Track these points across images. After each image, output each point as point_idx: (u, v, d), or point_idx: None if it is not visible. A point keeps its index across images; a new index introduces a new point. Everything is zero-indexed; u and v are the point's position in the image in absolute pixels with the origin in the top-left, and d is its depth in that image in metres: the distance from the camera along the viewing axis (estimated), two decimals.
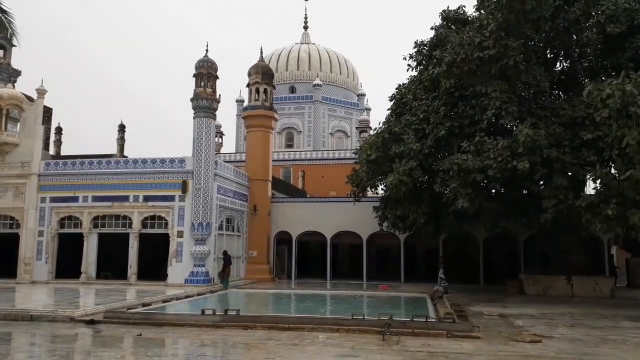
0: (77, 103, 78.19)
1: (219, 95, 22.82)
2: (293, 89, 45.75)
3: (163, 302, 15.49)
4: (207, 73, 22.62)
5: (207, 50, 23.21)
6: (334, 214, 25.96)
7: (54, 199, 22.99)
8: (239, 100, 46.59)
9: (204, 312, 12.18)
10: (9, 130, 23.36)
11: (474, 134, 17.48)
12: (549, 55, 20.19)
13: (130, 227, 22.37)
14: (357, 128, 44.34)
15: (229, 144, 48.30)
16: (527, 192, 17.93)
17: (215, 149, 27.38)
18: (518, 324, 12.48)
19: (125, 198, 22.41)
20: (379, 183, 21.66)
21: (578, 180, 16.52)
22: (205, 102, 22.18)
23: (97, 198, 22.64)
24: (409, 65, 22.25)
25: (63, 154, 28.49)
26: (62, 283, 21.67)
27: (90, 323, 12.05)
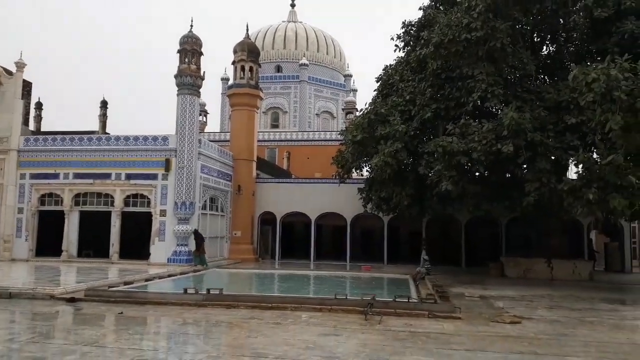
0: (58, 78, 76.72)
1: (204, 72, 22.48)
2: (279, 68, 45.28)
3: (145, 280, 15.40)
4: (191, 49, 22.21)
5: (191, 26, 22.77)
6: (319, 195, 25.95)
7: (34, 176, 22.60)
8: (224, 79, 45.99)
9: (187, 291, 12.13)
10: None
11: (460, 117, 17.48)
12: (536, 39, 20.17)
13: (112, 205, 22.12)
14: (343, 109, 44.16)
15: (214, 123, 47.90)
16: (510, 175, 18.04)
17: (200, 128, 27.10)
18: (498, 306, 12.64)
19: (107, 176, 22.12)
20: (364, 164, 21.64)
21: (561, 165, 16.67)
22: (189, 79, 21.82)
23: (78, 175, 22.30)
24: (397, 46, 22.10)
25: (43, 130, 27.97)
26: (42, 261, 21.44)
27: (71, 301, 11.94)
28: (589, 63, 15.58)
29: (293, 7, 50.13)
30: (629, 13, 15.99)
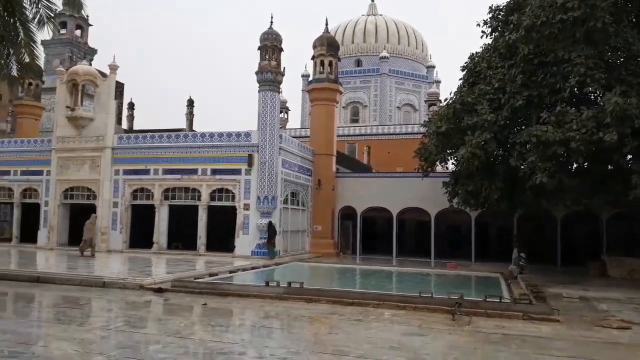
0: (148, 79, 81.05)
1: (284, 68, 22.53)
2: (359, 62, 44.84)
3: (229, 272, 15.67)
4: (271, 45, 22.33)
5: (271, 23, 22.90)
6: (400, 190, 25.23)
7: (127, 172, 23.75)
8: (305, 76, 46.26)
9: (268, 283, 12.08)
10: (85, 106, 24.30)
11: (555, 104, 16.15)
12: None
13: (199, 199, 22.76)
14: (425, 101, 42.92)
15: (294, 120, 48.43)
16: (613, 167, 16.47)
17: (280, 124, 27.31)
18: (602, 308, 11.50)
19: (194, 171, 22.79)
20: (449, 157, 20.65)
21: None
22: (270, 75, 21.95)
23: (167, 171, 23.17)
24: (483, 32, 20.85)
25: (135, 129, 29.43)
26: (135, 252, 22.49)
27: (159, 291, 12.28)
28: None
29: (373, 0, 49.44)
30: None
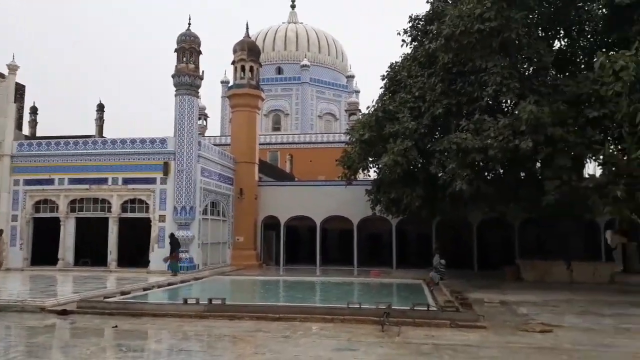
0: (53, 83, 76.03)
1: (202, 72, 21.59)
2: (280, 70, 44.49)
3: (144, 290, 14.48)
4: (189, 48, 21.35)
5: (189, 24, 21.91)
6: (324, 198, 25.03)
7: (28, 182, 21.74)
8: (224, 82, 45.19)
9: (187, 301, 11.23)
10: None
11: (473, 113, 16.59)
12: (550, 33, 19.28)
13: (110, 211, 21.25)
14: (346, 110, 43.36)
15: (214, 128, 47.09)
16: (526, 174, 17.16)
17: (199, 131, 26.24)
18: (522, 312, 11.75)
19: (104, 180, 21.25)
20: (372, 165, 20.71)
21: (579, 161, 15.78)
22: (188, 78, 20.95)
23: (74, 180, 21.44)
24: (404, 41, 21.16)
25: (39, 135, 27.13)
26: (38, 270, 20.56)
27: (63, 314, 11.06)
28: (612, 52, 14.67)
29: (293, 8, 49.46)
30: None
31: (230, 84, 27.87)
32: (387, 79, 21.20)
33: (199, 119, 35.32)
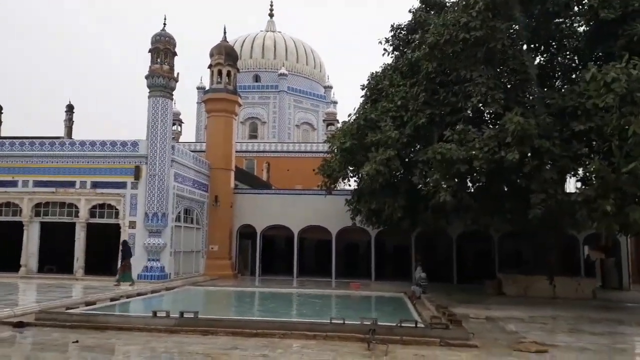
0: (22, 81, 73.78)
1: (177, 74, 20.74)
2: (257, 78, 43.82)
3: (111, 300, 13.57)
4: (164, 48, 20.51)
5: (164, 24, 21.06)
6: (302, 208, 24.39)
7: None
8: (200, 88, 44.27)
9: (156, 314, 10.42)
10: None
11: (456, 123, 16.22)
12: (533, 45, 19.16)
13: (77, 216, 20.20)
14: (324, 121, 42.96)
15: (188, 135, 46.09)
16: (510, 186, 16.86)
17: (173, 137, 25.37)
18: (511, 329, 11.28)
19: (71, 184, 20.21)
20: (352, 174, 20.17)
21: (563, 175, 15.55)
22: (162, 80, 20.11)
23: (39, 183, 20.35)
24: (385, 50, 20.88)
25: (3, 135, 25.81)
26: None
27: (19, 326, 10.13)
28: (597, 66, 14.51)
29: (271, 17, 48.92)
30: (638, 15, 15.05)
31: (207, 89, 27.08)
32: (367, 88, 20.75)
33: (173, 124, 34.47)
